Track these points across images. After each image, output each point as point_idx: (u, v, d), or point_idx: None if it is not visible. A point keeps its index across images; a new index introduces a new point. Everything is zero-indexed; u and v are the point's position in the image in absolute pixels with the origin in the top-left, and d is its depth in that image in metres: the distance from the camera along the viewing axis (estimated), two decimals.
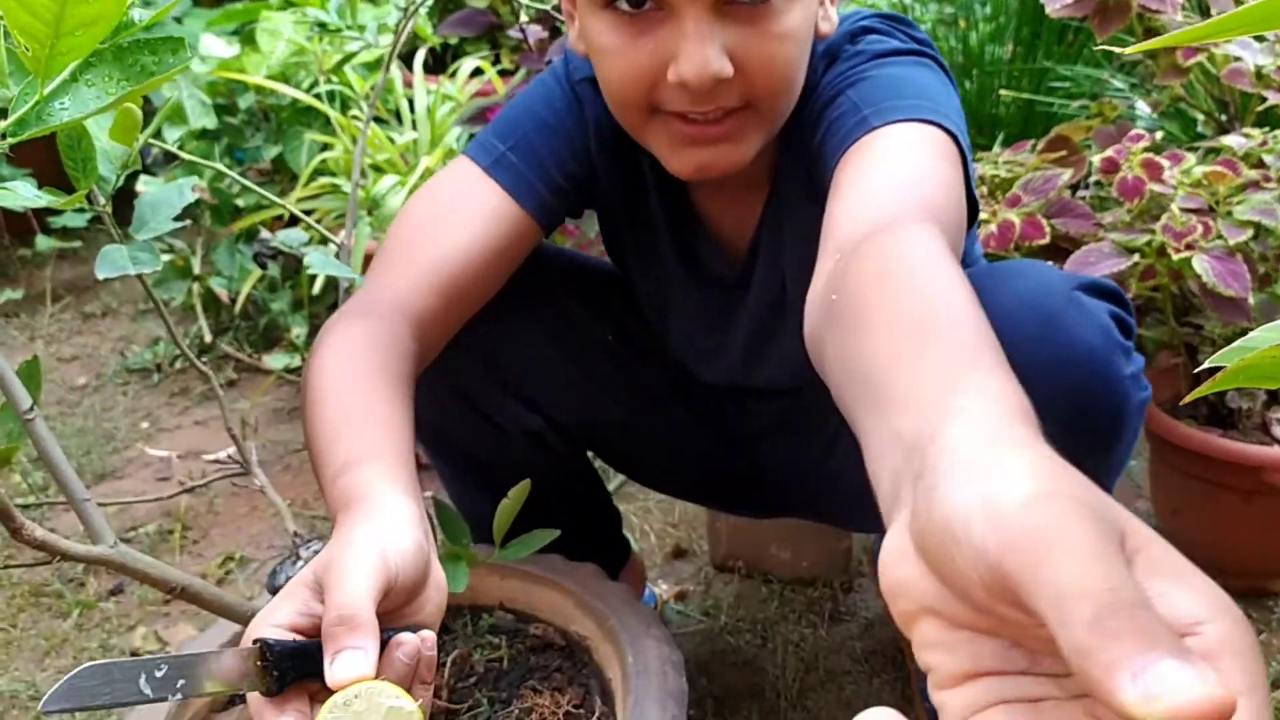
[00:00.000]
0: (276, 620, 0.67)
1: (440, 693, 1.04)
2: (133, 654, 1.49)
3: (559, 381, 1.16)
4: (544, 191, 1.02)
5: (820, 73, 0.97)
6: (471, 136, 2.18)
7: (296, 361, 2.27)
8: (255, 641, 0.64)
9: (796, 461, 1.22)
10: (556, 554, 1.12)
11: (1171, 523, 1.54)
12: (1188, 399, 0.42)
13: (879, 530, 0.47)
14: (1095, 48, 1.87)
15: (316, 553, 0.97)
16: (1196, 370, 0.42)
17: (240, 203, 2.35)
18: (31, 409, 0.79)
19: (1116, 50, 0.61)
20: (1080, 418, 0.91)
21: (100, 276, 0.90)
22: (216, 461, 1.93)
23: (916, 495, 0.42)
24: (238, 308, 2.30)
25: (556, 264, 1.17)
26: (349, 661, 0.62)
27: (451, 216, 1.00)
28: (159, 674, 0.60)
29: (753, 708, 1.32)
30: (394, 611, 0.71)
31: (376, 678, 0.63)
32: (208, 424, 2.15)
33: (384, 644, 0.65)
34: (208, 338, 2.36)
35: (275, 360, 2.27)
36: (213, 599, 0.82)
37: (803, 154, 0.97)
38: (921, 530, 0.41)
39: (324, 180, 2.19)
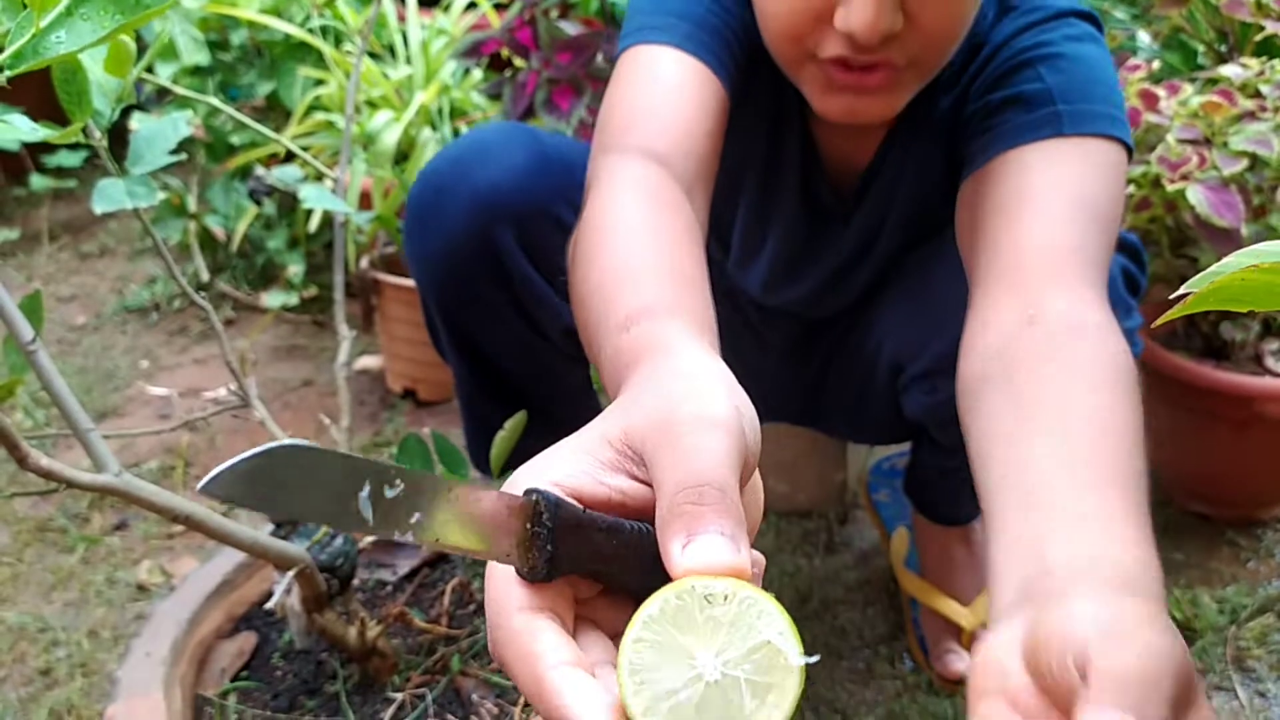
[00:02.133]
0: (553, 476, 0.46)
1: (441, 620, 1.06)
2: (139, 587, 1.52)
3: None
4: (731, 67, 0.93)
5: (991, 20, 0.94)
6: (467, 72, 2.17)
7: (294, 300, 2.27)
8: (529, 493, 0.43)
9: (824, 374, 1.24)
10: None
11: (1164, 454, 1.55)
12: (1157, 323, 0.43)
13: (876, 442, 0.51)
14: None
15: None
16: (1171, 296, 0.42)
17: (235, 140, 2.33)
18: (34, 340, 0.79)
19: None
20: None
21: (97, 211, 0.91)
22: (216, 399, 1.94)
23: (1045, 610, 0.50)
24: (234, 246, 2.30)
25: None
26: (714, 548, 0.43)
27: (674, 92, 0.88)
28: (390, 492, 0.39)
29: None
30: None
31: None
32: (207, 362, 2.16)
33: None
34: (205, 277, 2.36)
35: (273, 299, 2.27)
36: (216, 527, 0.83)
37: (956, 102, 0.95)
38: (1044, 639, 0.48)
39: (318, 117, 2.18)
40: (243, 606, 1.08)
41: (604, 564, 0.43)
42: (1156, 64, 1.44)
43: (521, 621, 0.42)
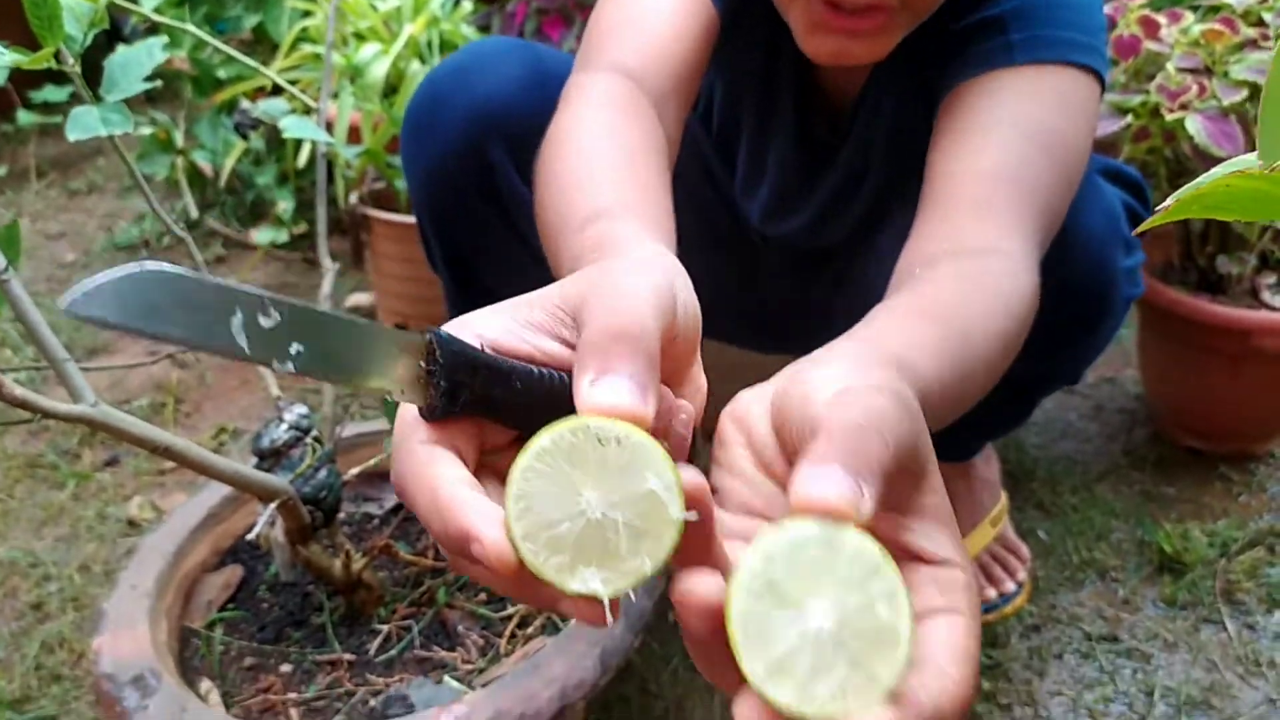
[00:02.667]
0: (476, 328, 0.46)
1: (427, 553, 1.06)
2: (129, 523, 1.51)
3: None
4: None
5: None
6: (456, 3, 2.13)
7: (284, 236, 2.25)
8: (424, 332, 0.42)
9: (821, 305, 1.23)
10: None
11: (1159, 389, 1.55)
12: (1138, 230, 0.41)
13: None
14: None
15: (303, 415, 0.98)
16: (1158, 206, 0.41)
17: (222, 74, 2.30)
18: (7, 269, 0.78)
19: None
20: (1068, 296, 0.92)
21: (71, 138, 0.89)
22: None
23: (798, 371, 0.49)
24: (222, 182, 2.27)
25: None
26: (621, 389, 0.42)
27: (654, 5, 0.89)
28: (265, 321, 0.37)
29: None
30: None
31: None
32: None
33: None
34: (194, 214, 2.34)
35: (262, 235, 2.25)
36: (196, 458, 0.82)
37: (929, 34, 0.93)
38: (787, 395, 0.47)
39: (306, 49, 2.14)
40: (229, 540, 1.08)
41: (511, 407, 0.43)
42: None
43: (422, 450, 0.43)
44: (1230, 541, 1.34)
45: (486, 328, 0.46)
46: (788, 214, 1.16)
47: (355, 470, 1.02)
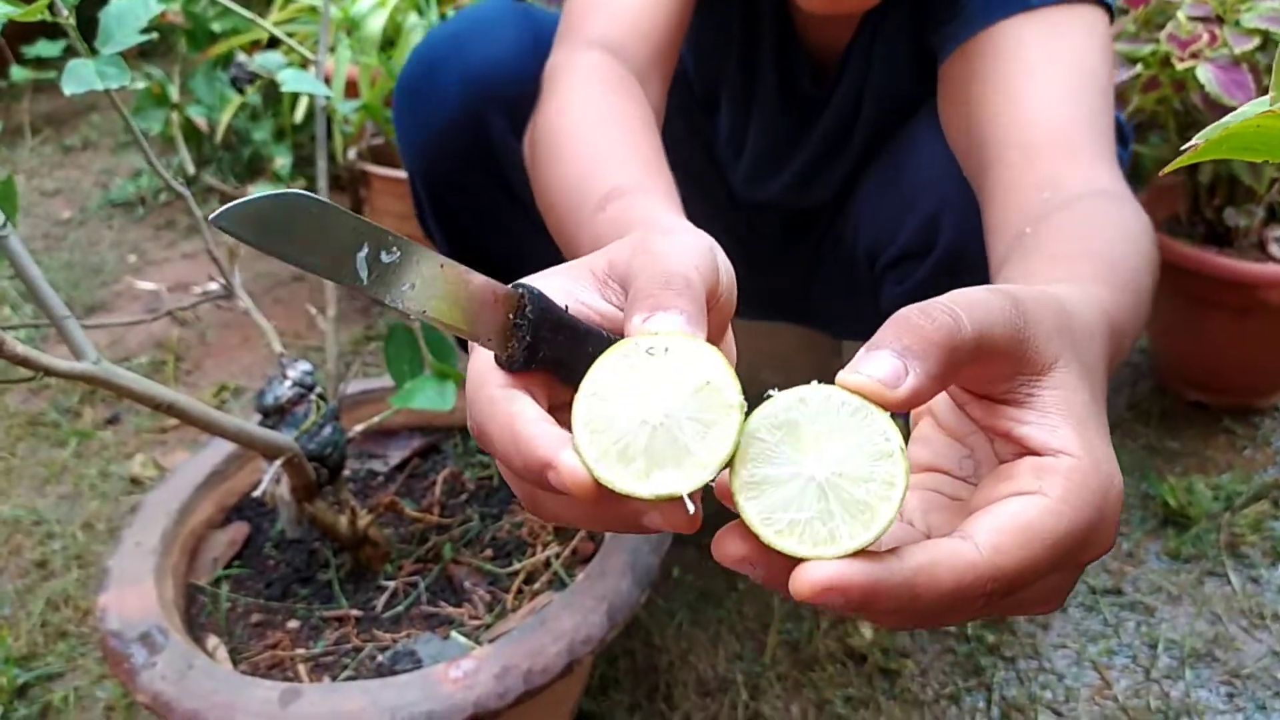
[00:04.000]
0: (542, 289, 0.47)
1: (433, 509, 1.06)
2: (132, 480, 1.51)
3: None
4: None
5: None
6: None
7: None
8: (516, 286, 0.44)
9: (810, 268, 1.22)
10: None
11: (1164, 343, 1.54)
12: (1166, 170, 0.40)
13: (861, 336, 0.48)
14: None
15: (306, 372, 0.97)
16: (1184, 146, 0.40)
17: (217, 27, 2.26)
18: (5, 226, 0.77)
19: None
20: None
21: (67, 92, 0.87)
22: (206, 292, 1.92)
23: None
24: (218, 138, 2.25)
25: None
26: (671, 321, 0.43)
27: None
28: (386, 257, 0.40)
29: None
30: None
31: None
32: (195, 257, 2.13)
33: None
34: (190, 170, 2.31)
35: (259, 191, 2.23)
36: (199, 415, 0.81)
37: None
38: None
39: (302, 2, 2.11)
40: (234, 497, 1.07)
41: (577, 366, 0.43)
42: None
43: (500, 392, 0.43)
44: (1235, 495, 1.34)
45: (548, 289, 0.46)
46: (771, 175, 1.15)
47: (360, 427, 1.02)
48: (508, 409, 0.42)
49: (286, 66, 1.19)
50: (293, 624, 0.95)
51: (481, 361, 0.45)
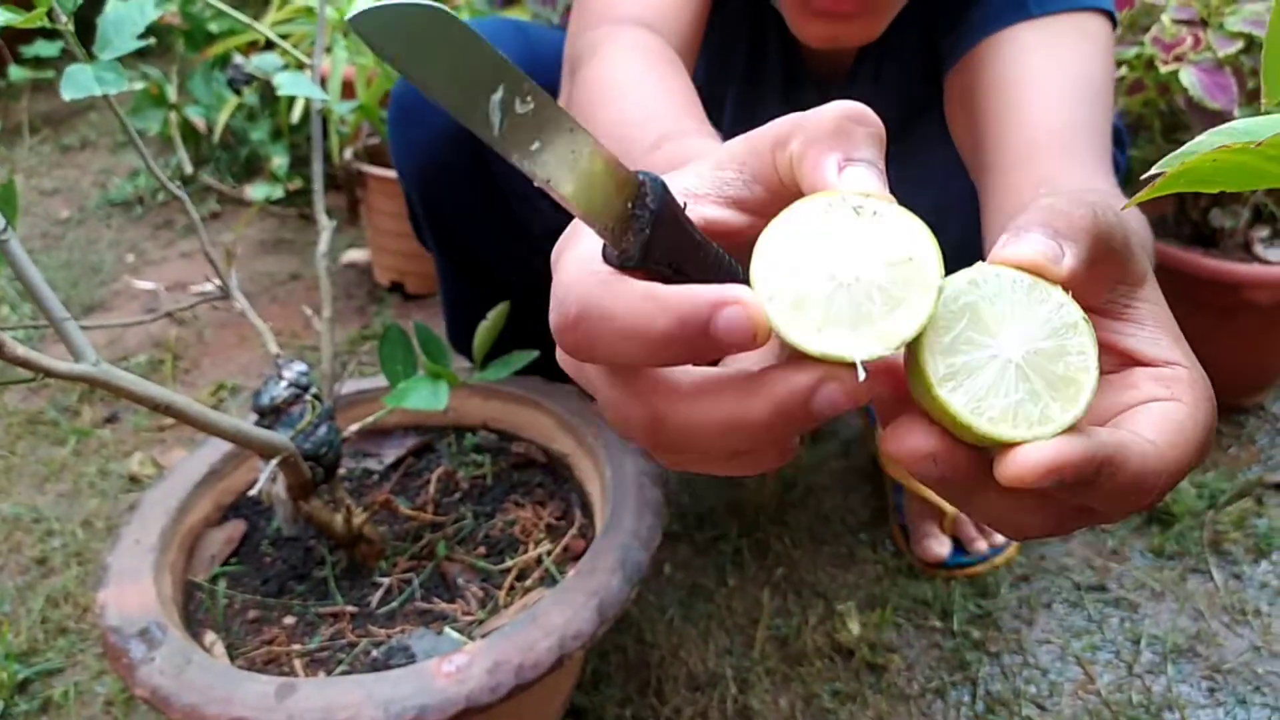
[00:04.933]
0: (683, 184, 0.43)
1: (427, 507, 1.07)
2: (130, 479, 1.53)
3: None
4: None
5: None
6: None
7: (279, 192, 2.25)
8: (639, 174, 0.38)
9: None
10: (537, 376, 1.14)
11: None
12: (1126, 206, 0.42)
13: None
14: None
15: (302, 372, 0.99)
16: (1143, 176, 0.42)
17: (214, 28, 2.28)
18: (6, 229, 0.78)
19: None
20: None
21: (66, 98, 0.89)
22: (202, 293, 1.93)
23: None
24: (216, 137, 2.26)
25: None
26: (871, 179, 0.39)
27: None
28: (521, 107, 0.35)
29: (732, 523, 1.37)
30: None
31: None
32: (193, 256, 2.15)
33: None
34: (188, 169, 2.33)
35: (257, 191, 2.25)
36: (196, 415, 0.83)
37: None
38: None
39: (299, 2, 2.13)
40: (231, 495, 1.09)
41: (685, 271, 0.39)
42: None
43: (617, 277, 0.37)
44: (1219, 493, 1.35)
45: (689, 185, 0.43)
46: None
47: (355, 427, 1.04)
48: (634, 285, 0.36)
49: (283, 68, 1.21)
50: (289, 620, 0.97)
51: (586, 249, 0.39)
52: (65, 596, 1.32)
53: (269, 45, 2.17)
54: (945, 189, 0.94)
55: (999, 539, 1.28)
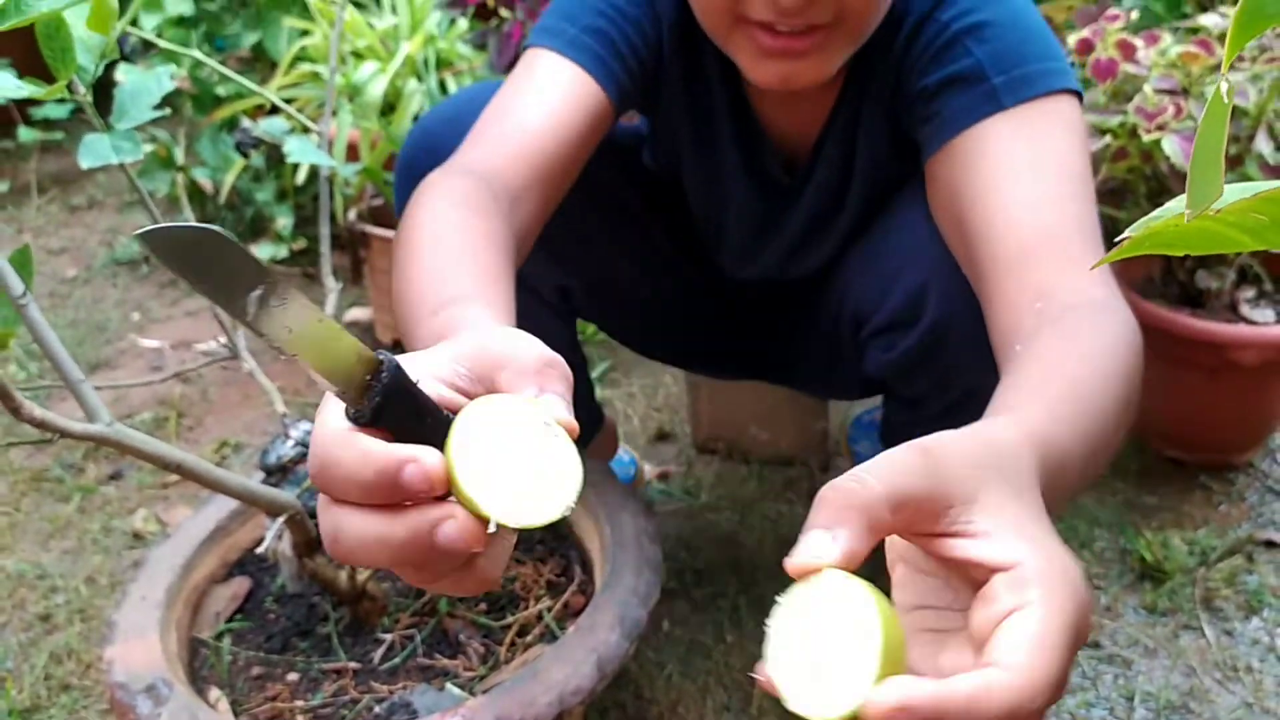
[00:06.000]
0: (427, 364, 0.53)
1: None
2: (134, 535, 1.54)
3: (594, 244, 1.17)
4: (619, 72, 0.98)
5: None
6: (452, 22, 2.16)
7: (283, 252, 2.28)
8: (378, 350, 0.49)
9: (793, 332, 1.26)
10: None
11: (1141, 400, 1.58)
12: (1094, 266, 0.45)
13: (848, 397, 0.54)
14: None
15: (308, 432, 1.01)
16: (1114, 240, 0.45)
17: (221, 91, 2.33)
18: (25, 294, 0.81)
19: None
20: None
21: (84, 166, 0.92)
22: (207, 351, 1.96)
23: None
24: (222, 198, 2.30)
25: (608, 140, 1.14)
26: (556, 403, 0.51)
27: (535, 97, 0.94)
28: (275, 303, 0.45)
29: (730, 579, 1.38)
30: None
31: None
32: (198, 315, 2.18)
33: None
34: None
35: (262, 251, 2.28)
36: (206, 474, 0.85)
37: (893, 79, 0.96)
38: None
39: (304, 68, 2.18)
40: (236, 552, 1.11)
41: (412, 430, 0.49)
42: (1135, 14, 1.45)
43: (351, 434, 0.48)
44: (1210, 550, 1.37)
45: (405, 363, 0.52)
46: (756, 255, 1.20)
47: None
48: (361, 441, 0.47)
49: (290, 132, 1.24)
50: (292, 676, 0.98)
51: (331, 411, 0.49)
52: (69, 653, 1.33)
53: (275, 109, 2.22)
54: (925, 264, 0.95)
55: None
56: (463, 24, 2.13)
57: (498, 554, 0.51)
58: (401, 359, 0.51)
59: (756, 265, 1.20)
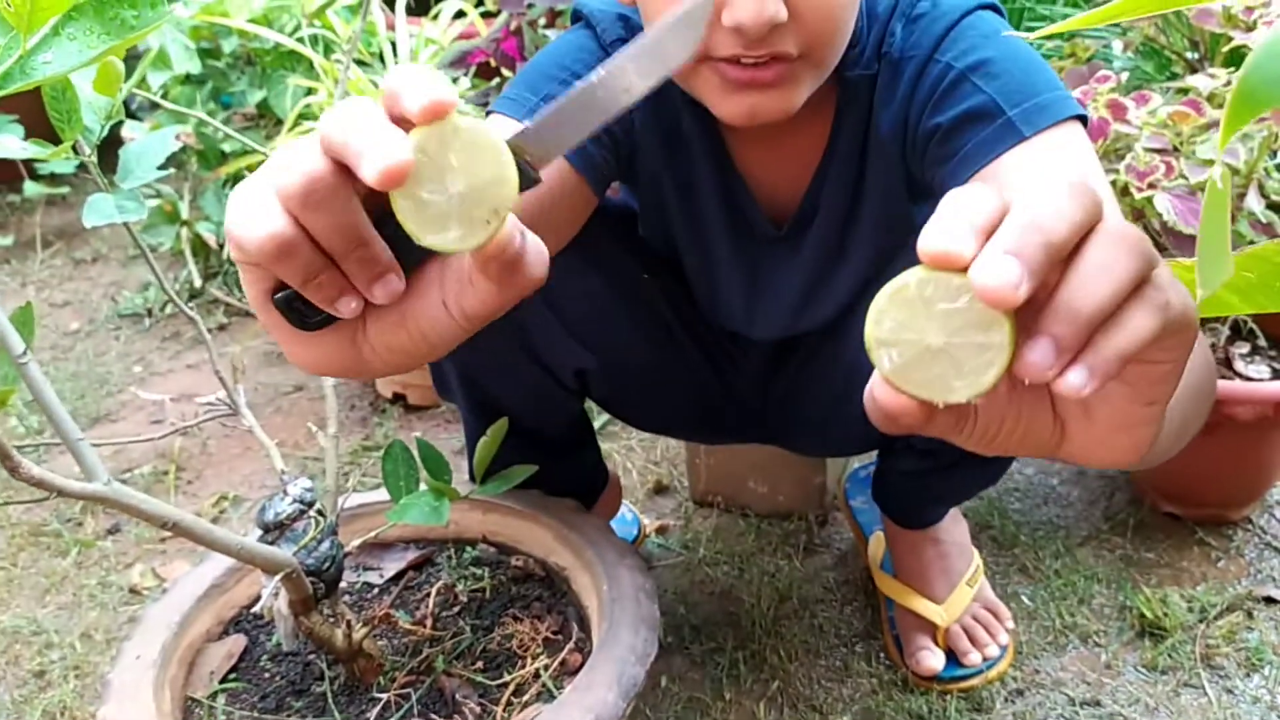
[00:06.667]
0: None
1: (426, 621, 1.09)
2: (131, 591, 1.54)
3: (612, 321, 1.17)
4: (588, 145, 0.98)
5: (899, 34, 0.96)
6: (455, 80, 2.19)
7: None
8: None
9: (796, 391, 1.26)
10: (536, 489, 1.17)
11: None
12: None
13: (842, 454, 0.53)
14: None
15: (307, 489, 1.01)
16: None
17: (226, 148, 2.36)
18: (25, 353, 0.82)
19: None
20: None
21: (88, 225, 0.93)
22: (208, 404, 1.96)
23: None
24: (226, 253, 2.32)
25: (609, 212, 1.16)
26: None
27: None
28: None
29: (728, 634, 1.38)
30: None
31: None
32: (199, 368, 2.19)
33: None
34: (198, 282, 2.39)
35: None
36: (203, 534, 0.85)
37: (901, 122, 0.98)
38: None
39: (308, 125, 2.21)
40: (232, 610, 1.11)
41: None
42: (1125, 75, 1.47)
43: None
44: (1209, 606, 1.37)
45: None
46: (759, 316, 1.20)
47: (357, 541, 1.06)
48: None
49: None
50: None
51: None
52: (63, 710, 1.33)
53: None
54: None
55: (993, 651, 1.29)
56: (465, 83, 2.16)
57: (535, 247, 0.51)
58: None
59: (764, 323, 1.21)
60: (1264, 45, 0.35)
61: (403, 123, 0.47)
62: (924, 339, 0.45)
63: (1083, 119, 0.89)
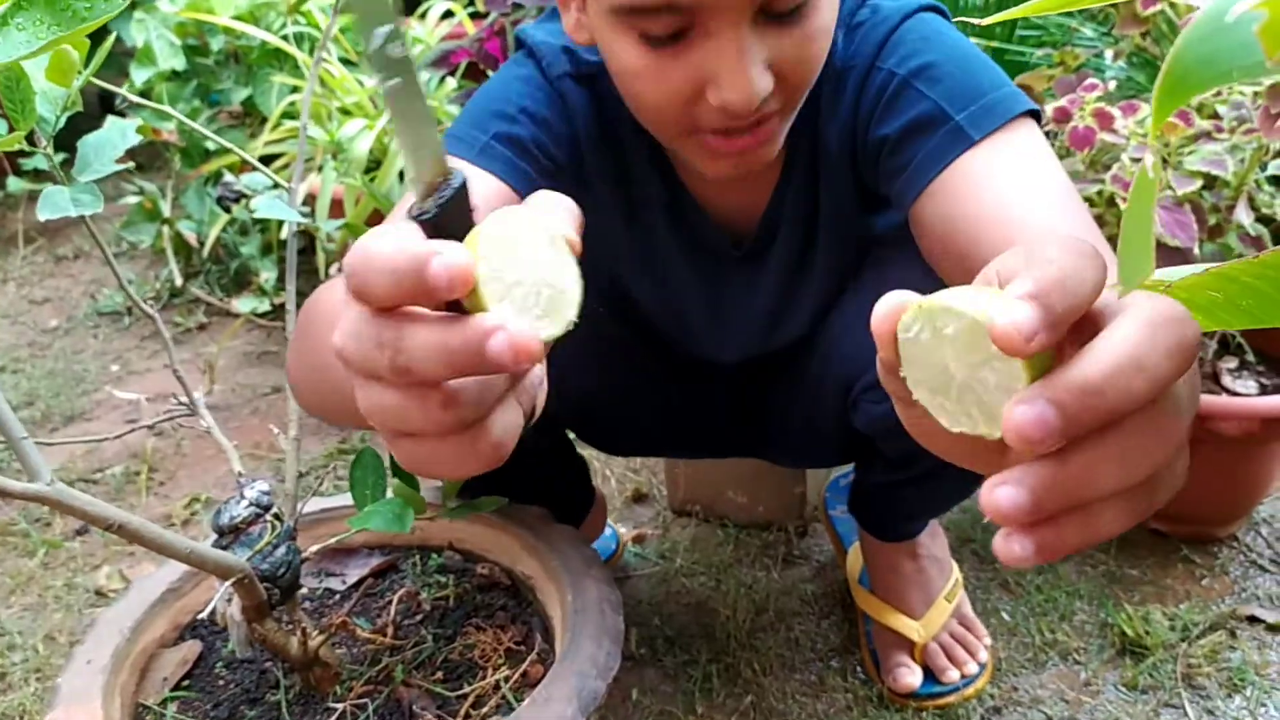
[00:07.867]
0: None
1: (387, 630, 1.06)
2: (97, 593, 1.51)
3: (566, 369, 1.15)
4: (535, 176, 0.95)
5: (840, 43, 0.94)
6: (441, 80, 2.17)
7: (265, 305, 2.27)
8: (453, 167, 0.50)
9: (770, 408, 1.24)
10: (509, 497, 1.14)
11: None
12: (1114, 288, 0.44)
13: (818, 465, 0.50)
14: None
15: (264, 492, 0.99)
16: None
17: (210, 145, 2.34)
18: None
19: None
20: None
21: (41, 218, 0.91)
22: (168, 410, 1.93)
23: None
24: (207, 251, 2.30)
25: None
26: (566, 221, 0.51)
27: None
28: (393, 50, 0.44)
29: (702, 647, 1.35)
30: None
31: None
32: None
33: None
34: (178, 281, 2.36)
35: (244, 304, 2.27)
36: (151, 536, 0.83)
37: (849, 134, 0.95)
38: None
39: (293, 124, 2.18)
40: (188, 615, 1.08)
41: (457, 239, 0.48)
42: (1114, 84, 1.45)
43: (392, 226, 0.45)
44: (1192, 625, 1.34)
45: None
46: (727, 339, 1.18)
47: (315, 547, 1.03)
48: (402, 229, 0.44)
49: (272, 187, 1.23)
50: None
51: (394, 215, 0.48)
52: (21, 713, 1.30)
53: (267, 162, 2.23)
54: None
55: (971, 668, 1.27)
56: (451, 84, 2.14)
57: (511, 420, 0.49)
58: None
59: (734, 345, 1.19)
60: (1192, 27, 0.33)
61: (424, 296, 0.43)
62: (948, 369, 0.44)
63: (1035, 114, 0.87)
